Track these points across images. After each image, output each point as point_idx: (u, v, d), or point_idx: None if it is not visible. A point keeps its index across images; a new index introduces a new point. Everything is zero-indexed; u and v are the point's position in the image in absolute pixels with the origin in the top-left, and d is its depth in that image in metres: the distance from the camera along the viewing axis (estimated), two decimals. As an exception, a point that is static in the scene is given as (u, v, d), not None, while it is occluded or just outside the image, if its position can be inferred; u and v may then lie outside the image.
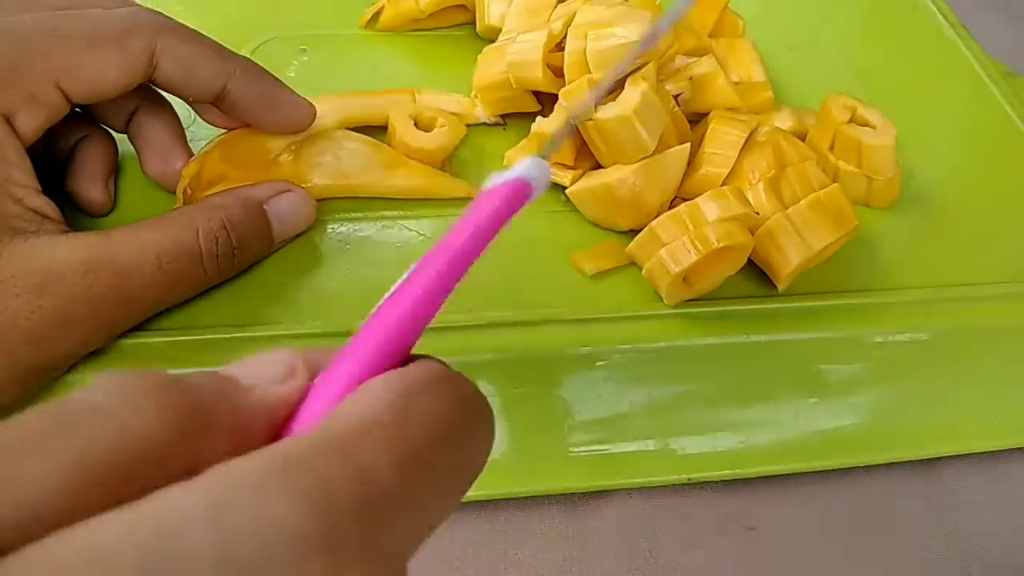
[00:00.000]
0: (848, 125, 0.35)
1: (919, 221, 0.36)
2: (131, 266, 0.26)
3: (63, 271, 0.25)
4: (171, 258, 0.27)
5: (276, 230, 0.30)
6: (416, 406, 0.15)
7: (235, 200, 0.29)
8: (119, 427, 0.13)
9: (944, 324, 0.33)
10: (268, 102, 0.31)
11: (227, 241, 0.28)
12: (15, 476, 0.12)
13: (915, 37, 0.46)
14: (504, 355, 0.30)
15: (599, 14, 0.33)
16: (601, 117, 0.31)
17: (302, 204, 0.31)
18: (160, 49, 0.28)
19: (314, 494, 0.12)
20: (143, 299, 0.27)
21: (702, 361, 0.31)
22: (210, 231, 0.28)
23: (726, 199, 0.30)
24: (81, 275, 0.25)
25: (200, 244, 0.28)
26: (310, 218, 0.32)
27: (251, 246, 0.30)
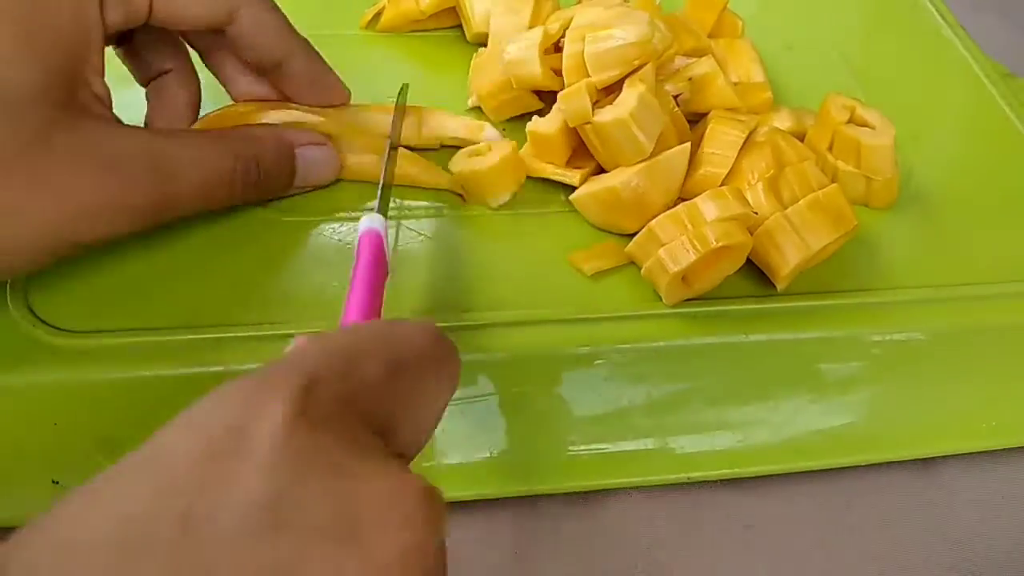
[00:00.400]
0: (847, 125, 0.35)
1: (918, 221, 0.36)
2: (178, 172, 0.28)
3: (127, 158, 0.27)
4: (211, 173, 0.29)
5: (299, 175, 0.32)
6: (397, 330, 0.21)
7: (272, 138, 0.31)
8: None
9: (942, 324, 0.33)
10: (319, 82, 0.33)
11: (256, 172, 0.30)
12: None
13: (914, 38, 0.46)
14: (504, 355, 0.30)
15: (597, 15, 0.33)
16: (599, 120, 0.32)
17: (330, 159, 0.33)
18: (244, 8, 0.29)
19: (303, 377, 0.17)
20: (181, 203, 0.29)
21: (701, 360, 0.31)
22: (245, 160, 0.30)
23: (725, 199, 0.30)
24: (140, 166, 0.27)
25: (235, 169, 0.30)
26: (333, 174, 0.33)
27: (274, 183, 0.32)
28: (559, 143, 0.34)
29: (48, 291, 0.29)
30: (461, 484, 0.29)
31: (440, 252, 0.32)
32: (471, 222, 0.34)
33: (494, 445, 0.30)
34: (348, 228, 0.33)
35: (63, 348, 0.28)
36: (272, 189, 0.32)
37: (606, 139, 0.32)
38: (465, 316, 0.30)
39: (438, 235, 0.33)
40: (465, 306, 0.30)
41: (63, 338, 0.28)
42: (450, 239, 0.33)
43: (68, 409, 0.28)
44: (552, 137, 0.34)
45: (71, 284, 0.30)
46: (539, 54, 0.34)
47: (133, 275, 0.30)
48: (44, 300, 0.29)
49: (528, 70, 0.35)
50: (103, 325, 0.29)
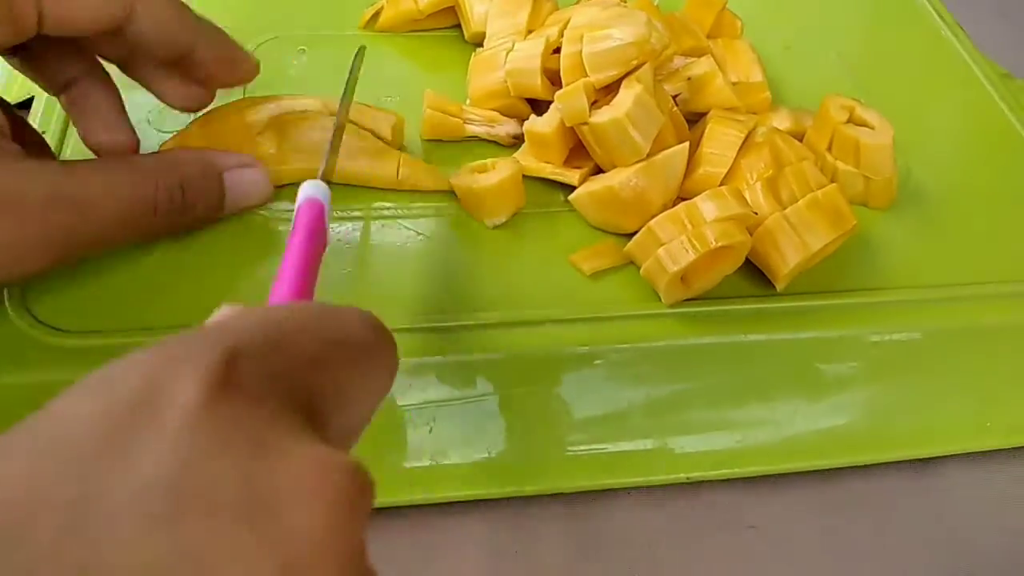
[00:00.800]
0: (846, 125, 0.35)
1: (916, 221, 0.36)
2: (90, 205, 0.27)
3: (25, 198, 0.25)
4: (129, 204, 0.28)
5: (228, 200, 0.31)
6: (334, 313, 0.20)
7: (196, 161, 0.30)
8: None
9: (941, 323, 0.33)
10: (229, 62, 0.31)
11: (180, 200, 0.29)
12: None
13: (912, 38, 0.46)
14: (503, 354, 0.30)
15: (594, 16, 0.33)
16: (595, 121, 0.32)
17: (260, 181, 0.32)
18: (140, 3, 0.27)
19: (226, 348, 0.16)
20: (96, 237, 0.27)
21: (700, 360, 0.31)
22: (167, 186, 0.29)
23: (724, 199, 0.30)
24: (41, 205, 0.26)
25: (156, 197, 0.28)
26: (264, 196, 0.32)
27: (201, 209, 0.30)
28: (556, 143, 0.34)
29: (46, 292, 0.29)
30: (460, 485, 0.29)
31: (439, 251, 0.32)
32: (470, 222, 0.34)
33: (493, 445, 0.30)
34: (347, 228, 0.33)
35: (60, 348, 0.28)
36: (200, 214, 0.30)
37: (603, 140, 0.32)
38: (464, 316, 0.30)
39: (437, 234, 0.33)
40: (464, 306, 0.30)
41: (60, 338, 0.28)
42: (449, 238, 0.33)
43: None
44: (549, 137, 0.34)
45: (69, 284, 0.30)
46: (540, 66, 0.34)
47: (131, 276, 0.30)
48: (41, 301, 0.29)
49: (528, 81, 0.35)
50: (101, 325, 0.29)
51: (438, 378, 0.29)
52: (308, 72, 0.39)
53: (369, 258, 0.32)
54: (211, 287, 0.30)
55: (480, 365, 0.30)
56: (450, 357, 0.30)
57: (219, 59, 0.30)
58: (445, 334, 0.30)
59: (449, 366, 0.29)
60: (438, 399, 0.29)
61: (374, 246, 0.32)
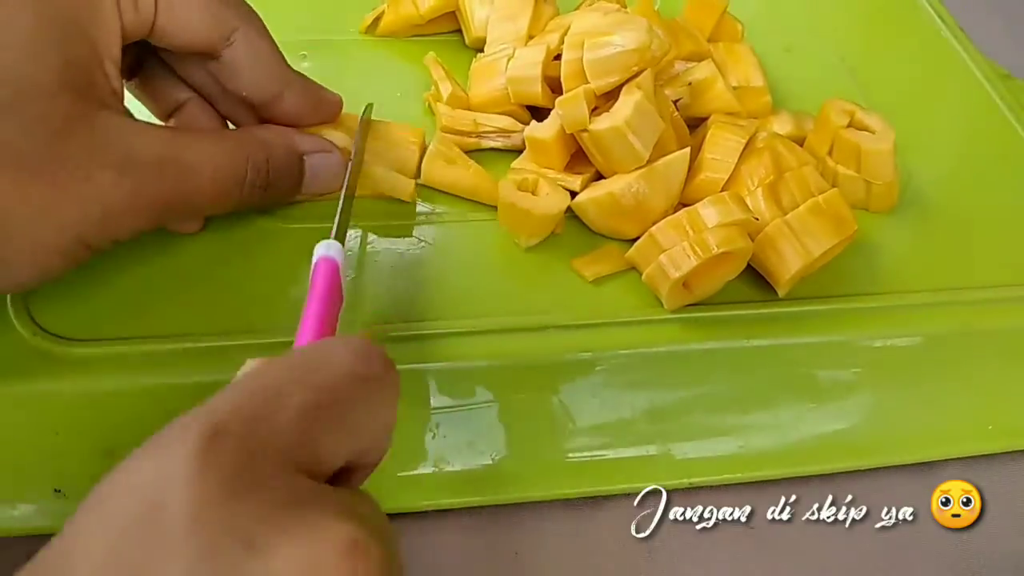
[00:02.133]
0: (847, 130, 0.35)
1: (918, 224, 0.36)
2: (193, 170, 0.28)
3: (143, 157, 0.26)
4: (223, 174, 0.29)
5: (306, 182, 0.32)
6: (319, 356, 0.20)
7: (282, 141, 0.31)
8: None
9: (943, 328, 0.33)
10: (314, 107, 0.32)
11: (265, 175, 0.30)
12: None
13: (913, 40, 0.46)
14: (505, 361, 0.30)
15: (595, 22, 0.33)
16: (595, 128, 0.32)
17: (337, 167, 0.32)
18: (241, 31, 0.29)
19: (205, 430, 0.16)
20: (194, 202, 0.28)
21: (702, 366, 0.31)
22: (257, 162, 0.30)
23: (726, 205, 0.30)
24: (156, 165, 0.26)
25: (247, 170, 0.29)
26: (339, 183, 0.32)
27: (282, 188, 0.31)
28: (557, 149, 0.34)
29: (50, 300, 0.29)
30: (463, 490, 0.29)
31: (439, 258, 0.32)
32: (472, 228, 0.34)
33: (495, 451, 0.30)
34: (351, 236, 0.33)
35: (65, 357, 0.28)
36: (279, 194, 0.31)
37: (603, 147, 0.32)
38: (466, 322, 0.30)
39: (438, 241, 0.33)
40: (466, 312, 0.30)
41: (65, 347, 0.28)
42: (451, 245, 0.33)
43: (70, 418, 0.28)
44: (550, 143, 0.34)
45: (73, 293, 0.30)
46: (541, 74, 0.34)
47: (135, 284, 0.30)
48: (46, 309, 0.29)
49: (528, 88, 0.35)
50: (105, 334, 0.29)
51: (440, 385, 0.30)
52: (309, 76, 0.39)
53: (370, 264, 0.32)
54: (214, 296, 0.30)
55: (482, 371, 0.30)
56: (453, 364, 0.30)
57: (305, 105, 0.32)
58: (447, 340, 0.30)
59: (451, 373, 0.30)
60: (441, 406, 0.30)
61: (375, 252, 0.32)
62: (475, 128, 0.36)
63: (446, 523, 0.30)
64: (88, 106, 0.25)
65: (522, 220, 0.32)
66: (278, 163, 0.30)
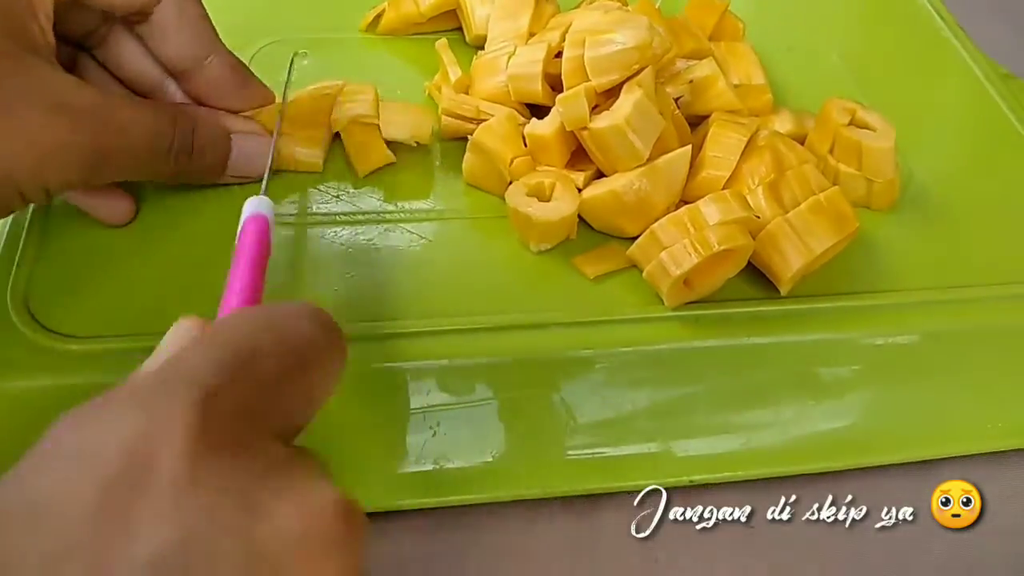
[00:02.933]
0: (848, 128, 0.35)
1: (919, 222, 0.36)
2: (125, 127, 0.28)
3: (75, 104, 0.26)
4: (151, 133, 0.29)
5: (232, 162, 0.33)
6: (285, 319, 0.20)
7: (210, 116, 0.32)
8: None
9: (944, 325, 0.33)
10: (239, 84, 0.32)
11: (190, 143, 0.30)
12: None
13: (914, 40, 0.46)
14: (505, 358, 0.30)
15: (596, 20, 0.33)
16: (595, 126, 0.32)
17: (264, 151, 0.33)
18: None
19: (200, 392, 0.16)
20: (123, 158, 0.28)
21: (703, 363, 0.31)
22: (182, 128, 0.30)
23: (727, 202, 0.30)
24: (88, 113, 0.26)
25: (173, 134, 0.30)
26: (264, 167, 0.32)
27: (207, 161, 0.32)
28: (557, 146, 0.34)
29: (49, 295, 0.29)
30: (463, 488, 0.29)
31: (440, 255, 0.32)
32: (472, 225, 0.34)
33: (495, 449, 0.30)
34: (349, 232, 0.33)
35: (64, 353, 0.28)
36: (204, 168, 0.32)
37: (603, 144, 0.32)
38: (466, 319, 0.30)
39: (438, 238, 0.33)
40: (465, 309, 0.30)
41: (64, 343, 0.28)
42: (450, 242, 0.33)
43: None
44: (550, 139, 0.34)
45: (72, 289, 0.30)
46: (542, 71, 0.34)
47: (134, 280, 0.30)
48: (45, 305, 0.29)
49: (529, 86, 0.35)
50: (105, 331, 0.29)
51: (441, 382, 0.30)
52: (309, 75, 0.39)
53: (370, 262, 0.32)
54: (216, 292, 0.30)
55: (483, 369, 0.30)
56: (454, 361, 0.30)
57: (232, 81, 0.32)
58: (447, 337, 0.30)
59: (452, 370, 0.29)
60: (441, 403, 0.29)
61: (376, 250, 0.32)
62: (476, 115, 0.36)
63: (445, 520, 0.30)
64: (21, 50, 0.26)
65: (529, 226, 0.32)
66: (204, 133, 0.31)
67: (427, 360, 0.29)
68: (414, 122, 0.35)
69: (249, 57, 0.39)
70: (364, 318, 0.30)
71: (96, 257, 0.31)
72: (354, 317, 0.30)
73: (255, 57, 0.39)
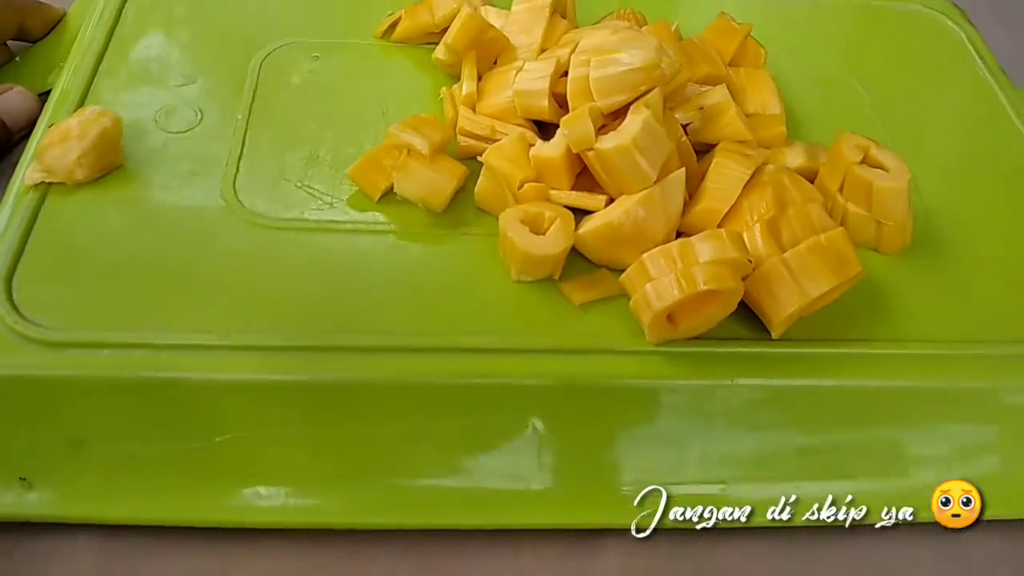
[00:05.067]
0: (859, 166, 0.33)
1: (931, 269, 0.35)
2: None
3: None
4: None
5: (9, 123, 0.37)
6: None
7: None
8: None
9: (948, 381, 0.31)
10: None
11: None
12: None
13: (949, 79, 0.44)
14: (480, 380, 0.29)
15: (604, 39, 0.32)
16: (601, 147, 0.31)
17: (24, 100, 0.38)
18: None
19: None
20: None
21: (684, 402, 0.30)
22: None
23: (721, 241, 0.29)
24: None
25: None
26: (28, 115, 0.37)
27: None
28: (564, 168, 0.33)
29: (33, 284, 0.29)
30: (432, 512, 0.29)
31: (425, 269, 0.32)
32: (447, 240, 0.33)
33: (461, 473, 0.29)
34: (333, 239, 0.32)
35: (42, 341, 0.28)
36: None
37: (609, 166, 0.31)
38: (437, 338, 0.29)
39: (427, 252, 0.32)
40: (437, 328, 0.30)
41: (43, 332, 0.28)
42: (438, 256, 0.32)
43: (41, 405, 0.28)
44: (556, 162, 0.33)
45: (55, 279, 0.30)
46: (548, 88, 0.34)
47: (117, 274, 0.30)
48: (27, 293, 0.29)
49: (536, 103, 0.34)
50: (84, 323, 0.29)
51: (412, 400, 0.29)
52: (318, 78, 0.39)
53: (350, 270, 0.31)
54: (195, 292, 0.30)
55: (457, 390, 0.29)
56: (423, 379, 0.29)
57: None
58: (422, 355, 0.29)
59: (423, 388, 0.29)
60: (416, 423, 0.29)
61: (359, 258, 0.32)
62: (491, 135, 0.35)
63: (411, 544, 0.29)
64: None
65: (513, 253, 0.31)
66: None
67: (399, 376, 0.29)
68: (432, 187, 0.33)
69: (262, 58, 0.39)
70: (340, 328, 0.29)
71: (79, 250, 0.31)
72: (329, 326, 0.29)
73: (267, 58, 0.39)
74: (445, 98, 0.37)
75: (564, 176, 0.33)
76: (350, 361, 0.29)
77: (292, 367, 0.28)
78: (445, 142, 0.34)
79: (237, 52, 0.39)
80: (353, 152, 0.35)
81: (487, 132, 0.35)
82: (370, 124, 0.37)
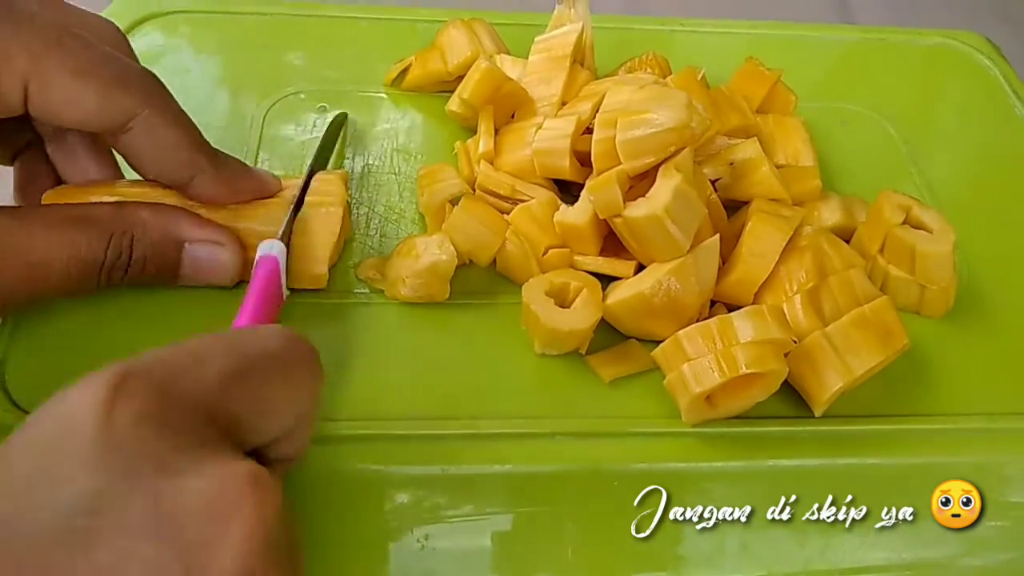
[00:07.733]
0: (901, 228, 0.31)
1: (977, 333, 0.33)
2: (42, 261, 0.26)
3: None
4: (79, 262, 0.27)
5: (185, 274, 0.29)
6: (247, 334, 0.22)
7: (158, 226, 0.28)
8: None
9: (1002, 457, 0.29)
10: (231, 194, 0.30)
11: (127, 260, 0.28)
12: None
13: (985, 121, 0.42)
14: (505, 468, 0.27)
15: (630, 96, 0.30)
16: (630, 215, 0.29)
17: (225, 263, 0.29)
18: (143, 117, 0.27)
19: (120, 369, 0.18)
20: (39, 294, 0.27)
21: (722, 485, 0.28)
22: (119, 245, 0.27)
23: (763, 319, 0.27)
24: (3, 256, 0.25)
25: (107, 254, 0.27)
26: (228, 277, 0.30)
27: (150, 275, 0.29)
28: (590, 234, 0.31)
29: (25, 374, 0.28)
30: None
31: (441, 343, 0.30)
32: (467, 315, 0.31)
33: (489, 569, 0.27)
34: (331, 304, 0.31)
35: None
36: (147, 279, 0.29)
37: (639, 234, 0.30)
38: (462, 424, 0.28)
39: (441, 323, 0.31)
40: (462, 412, 0.28)
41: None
42: (454, 328, 0.31)
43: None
44: (583, 228, 0.31)
45: (47, 365, 0.28)
46: (570, 147, 0.32)
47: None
48: (21, 383, 0.28)
49: (556, 162, 0.32)
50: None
51: (431, 491, 0.27)
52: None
53: (352, 349, 0.30)
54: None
55: (479, 479, 0.27)
56: (447, 469, 0.27)
57: (218, 193, 0.29)
58: (441, 443, 0.27)
59: (444, 479, 0.27)
60: (432, 514, 0.27)
61: (369, 332, 0.30)
62: (511, 194, 0.34)
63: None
64: None
65: (537, 328, 0.29)
66: (145, 247, 0.28)
67: (419, 465, 0.27)
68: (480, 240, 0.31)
69: (269, 106, 0.38)
70: (351, 415, 0.28)
71: (73, 335, 0.29)
72: (342, 414, 0.28)
73: (275, 106, 0.37)
74: (460, 153, 0.35)
75: (591, 242, 0.32)
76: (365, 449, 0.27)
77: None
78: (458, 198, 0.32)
79: (242, 100, 0.38)
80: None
81: (508, 191, 0.33)
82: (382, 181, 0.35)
